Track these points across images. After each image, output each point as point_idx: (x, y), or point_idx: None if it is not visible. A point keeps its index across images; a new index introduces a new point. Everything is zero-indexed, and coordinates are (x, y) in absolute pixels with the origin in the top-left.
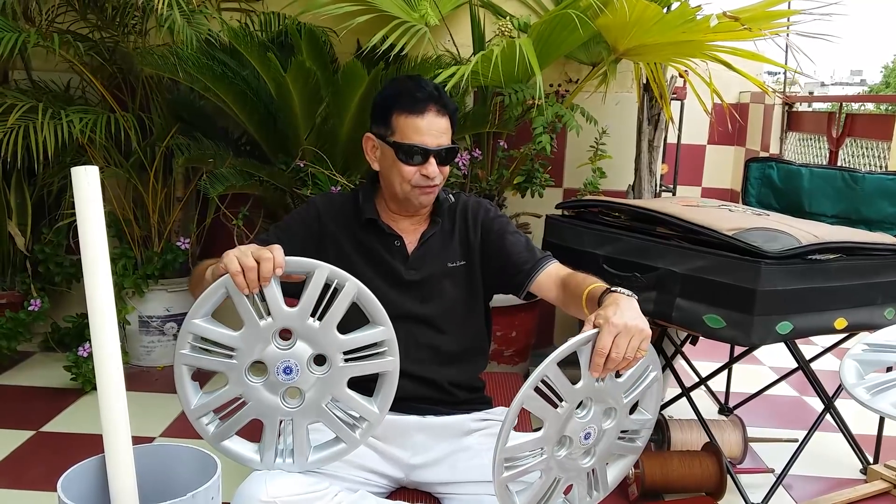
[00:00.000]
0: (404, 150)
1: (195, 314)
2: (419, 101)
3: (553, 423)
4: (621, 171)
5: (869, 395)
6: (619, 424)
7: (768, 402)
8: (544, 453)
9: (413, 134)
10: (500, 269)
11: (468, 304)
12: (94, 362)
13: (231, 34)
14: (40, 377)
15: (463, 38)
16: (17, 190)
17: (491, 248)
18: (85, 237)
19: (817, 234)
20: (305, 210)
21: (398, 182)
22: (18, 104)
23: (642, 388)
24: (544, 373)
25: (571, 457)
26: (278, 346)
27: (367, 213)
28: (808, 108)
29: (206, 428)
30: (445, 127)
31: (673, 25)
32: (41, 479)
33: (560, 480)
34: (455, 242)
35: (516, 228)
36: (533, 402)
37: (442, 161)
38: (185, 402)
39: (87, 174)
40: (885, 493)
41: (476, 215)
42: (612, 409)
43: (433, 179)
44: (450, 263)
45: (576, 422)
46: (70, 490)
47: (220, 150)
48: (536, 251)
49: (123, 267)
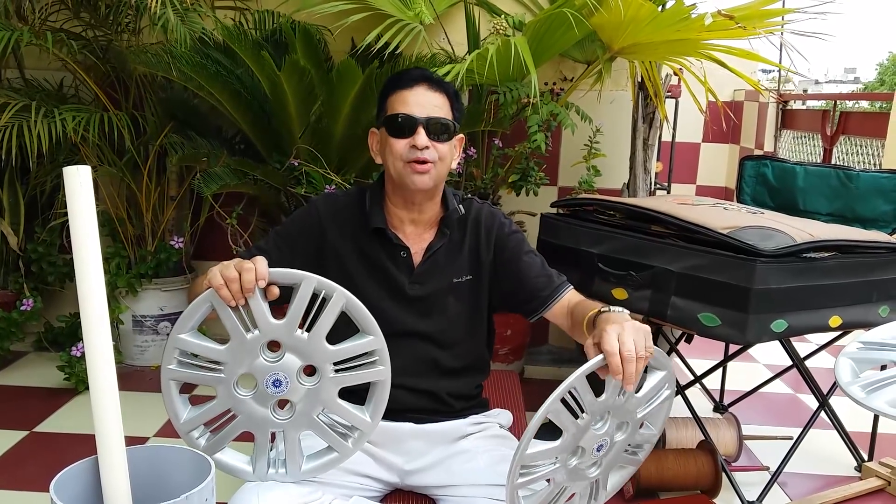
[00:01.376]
0: (391, 122)
1: (181, 329)
2: (410, 78)
3: (572, 434)
4: (616, 170)
5: (864, 393)
6: (628, 438)
7: (763, 399)
8: (558, 462)
9: (400, 105)
10: (512, 292)
11: (472, 319)
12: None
13: (225, 32)
14: (34, 377)
15: (458, 36)
16: (9, 189)
17: (504, 268)
18: (77, 236)
19: (812, 233)
20: (306, 214)
21: (391, 161)
22: (11, 103)
23: (656, 405)
24: (573, 384)
25: (581, 467)
26: (266, 358)
27: (375, 223)
28: (802, 107)
29: (196, 441)
30: (439, 102)
31: (667, 24)
32: (35, 479)
33: (566, 489)
34: (464, 256)
35: (531, 247)
36: (559, 412)
37: (434, 134)
38: (173, 417)
39: (79, 174)
40: (879, 491)
41: (490, 230)
42: (626, 422)
43: (424, 153)
44: (455, 279)
45: (592, 433)
46: (63, 492)
47: (214, 148)
48: (553, 276)
49: (117, 266)
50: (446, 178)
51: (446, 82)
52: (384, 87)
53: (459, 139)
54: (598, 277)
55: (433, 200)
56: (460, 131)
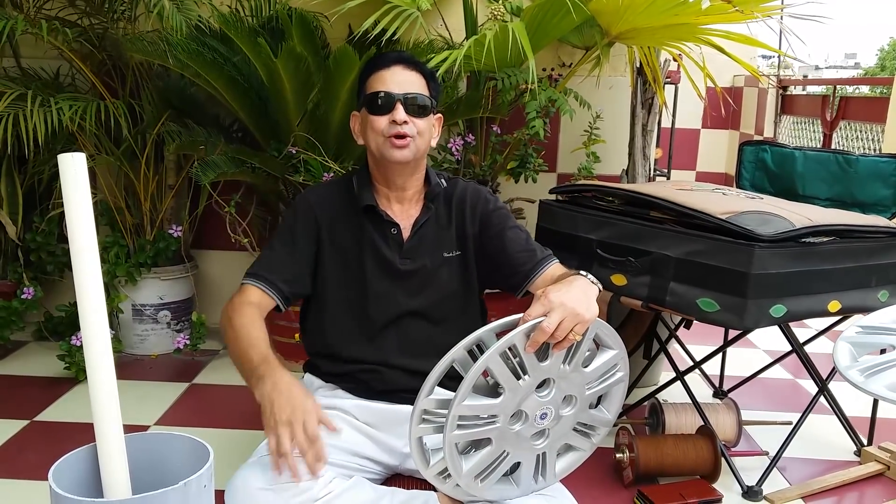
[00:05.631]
0: (371, 101)
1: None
2: (387, 60)
3: (513, 394)
4: (615, 156)
5: (863, 377)
6: (576, 415)
7: (762, 385)
8: (497, 422)
9: (378, 84)
10: (497, 267)
11: (463, 295)
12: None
13: (221, 20)
14: (34, 366)
15: (455, 22)
16: (7, 178)
17: (488, 243)
18: (73, 223)
19: (811, 217)
20: (297, 209)
21: (373, 138)
22: (8, 92)
23: (607, 384)
24: (512, 340)
25: (524, 434)
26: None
27: (365, 200)
28: (801, 92)
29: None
30: (414, 80)
31: (665, 8)
32: (35, 468)
33: (508, 455)
34: (451, 232)
35: (516, 222)
36: (498, 366)
37: (412, 110)
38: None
39: (73, 161)
40: (879, 475)
41: (475, 205)
42: (574, 396)
43: (403, 127)
44: (445, 253)
45: (535, 399)
46: (61, 479)
47: (212, 137)
48: (537, 250)
49: (116, 255)
50: (426, 153)
51: (421, 62)
52: (362, 70)
53: (438, 118)
54: (596, 263)
55: (414, 176)
56: (439, 111)
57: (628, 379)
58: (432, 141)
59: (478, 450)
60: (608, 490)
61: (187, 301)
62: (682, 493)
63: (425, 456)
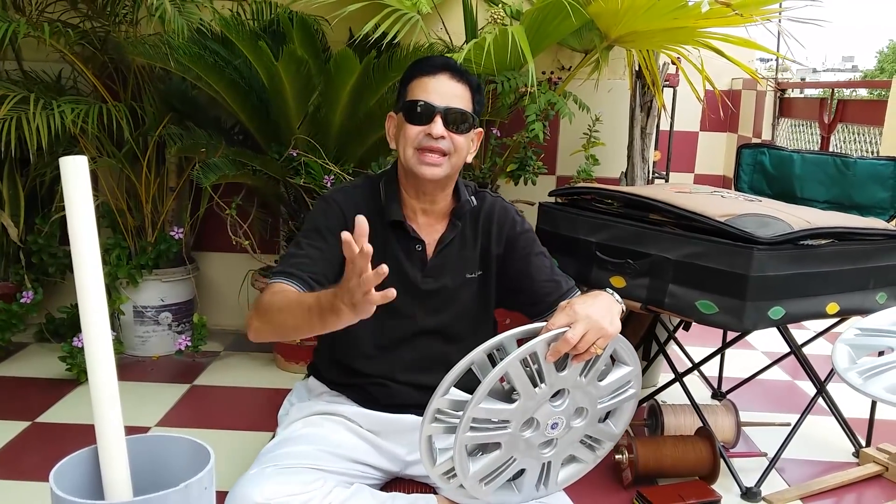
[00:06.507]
0: (410, 108)
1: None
2: (434, 66)
3: (528, 400)
4: (614, 158)
5: (861, 379)
6: (585, 427)
7: (761, 386)
8: (509, 427)
9: (420, 92)
10: (518, 290)
11: (480, 314)
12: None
13: (222, 23)
14: (35, 368)
15: (455, 25)
16: (9, 181)
17: (512, 266)
18: (74, 226)
19: (809, 220)
20: (327, 207)
21: (403, 147)
22: (10, 95)
23: (618, 400)
24: (534, 348)
25: (534, 441)
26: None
27: (393, 215)
28: (800, 95)
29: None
30: (459, 92)
31: (664, 12)
32: (36, 469)
33: (515, 461)
34: (476, 252)
35: (542, 247)
36: (517, 371)
37: (453, 125)
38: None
39: (75, 164)
40: (877, 476)
41: (502, 226)
42: (585, 409)
43: (439, 142)
44: (469, 274)
45: (548, 408)
46: (62, 481)
47: (213, 139)
48: (561, 281)
49: (117, 257)
50: (460, 170)
51: (470, 73)
52: (407, 71)
53: (478, 133)
54: (595, 266)
55: (445, 192)
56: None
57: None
58: (469, 157)
59: (485, 453)
60: (607, 491)
61: (188, 303)
62: (681, 495)
63: (433, 455)
